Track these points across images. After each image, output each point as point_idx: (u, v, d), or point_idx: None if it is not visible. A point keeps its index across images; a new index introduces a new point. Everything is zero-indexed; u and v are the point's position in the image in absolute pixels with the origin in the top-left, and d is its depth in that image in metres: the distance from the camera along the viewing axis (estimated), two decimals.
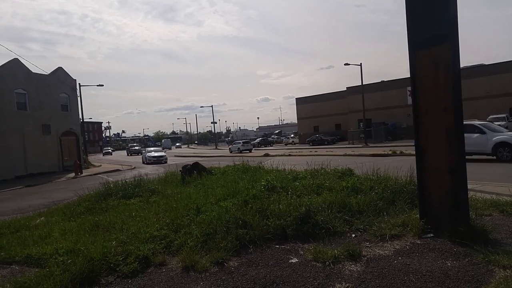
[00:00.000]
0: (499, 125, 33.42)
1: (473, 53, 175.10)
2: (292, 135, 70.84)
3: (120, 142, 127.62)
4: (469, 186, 5.38)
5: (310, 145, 50.71)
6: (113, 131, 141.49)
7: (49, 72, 30.88)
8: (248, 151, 43.56)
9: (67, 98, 32.28)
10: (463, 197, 4.85)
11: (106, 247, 4.83)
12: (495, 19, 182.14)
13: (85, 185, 11.71)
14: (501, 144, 14.68)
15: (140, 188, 9.54)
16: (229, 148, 49.74)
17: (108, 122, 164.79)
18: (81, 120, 37.22)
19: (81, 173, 26.33)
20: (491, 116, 35.73)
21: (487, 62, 46.42)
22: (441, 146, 4.89)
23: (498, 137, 14.95)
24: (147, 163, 31.90)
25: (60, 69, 32.18)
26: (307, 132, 59.53)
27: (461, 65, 4.98)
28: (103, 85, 43.25)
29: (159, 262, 4.69)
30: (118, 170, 27.07)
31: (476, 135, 15.29)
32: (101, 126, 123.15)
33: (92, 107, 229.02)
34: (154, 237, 5.35)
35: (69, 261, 4.48)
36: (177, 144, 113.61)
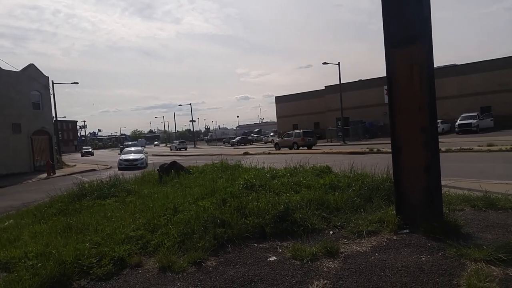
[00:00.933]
0: (470, 123, 34.79)
1: (446, 54, 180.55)
2: (272, 134, 71.08)
3: (96, 142, 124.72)
4: (443, 183, 5.53)
5: None
6: (89, 130, 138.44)
7: (20, 69, 29.80)
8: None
9: (39, 96, 31.25)
10: (438, 193, 4.97)
11: (79, 249, 4.68)
12: (466, 20, 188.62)
13: (58, 185, 11.34)
14: None
15: (116, 188, 9.33)
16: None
17: (84, 121, 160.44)
18: (54, 119, 36.10)
19: (54, 173, 25.52)
20: (463, 115, 37.01)
21: (459, 62, 47.86)
22: (417, 143, 4.98)
23: None
24: (119, 168, 24.50)
25: (31, 66, 31.10)
26: (287, 131, 59.88)
27: (435, 65, 5.09)
28: (77, 83, 42.40)
29: (135, 263, 4.58)
30: (93, 170, 26.38)
31: None
32: (76, 125, 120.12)
33: (67, 106, 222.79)
34: (130, 238, 5.23)
35: (39, 265, 4.31)
36: (155, 142, 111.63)
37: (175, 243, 4.94)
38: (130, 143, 44.37)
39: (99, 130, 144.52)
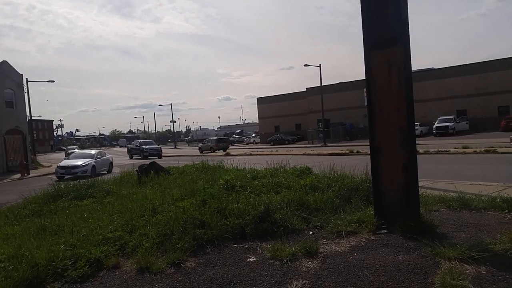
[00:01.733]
0: (447, 126, 35.76)
1: (425, 58, 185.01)
2: (253, 135, 71.18)
3: (73, 142, 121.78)
4: (420, 184, 5.63)
5: (271, 145, 51.23)
6: (66, 129, 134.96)
7: None
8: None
9: (12, 94, 30.31)
10: (415, 194, 5.06)
11: (53, 251, 4.55)
12: (445, 25, 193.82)
13: (32, 186, 11.04)
14: None
15: (93, 189, 9.15)
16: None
17: (60, 121, 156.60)
18: (29, 118, 35.07)
19: (28, 173, 24.80)
20: (440, 117, 37.98)
21: (436, 66, 49.14)
22: (395, 144, 5.06)
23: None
24: (57, 178, 19.47)
25: (4, 63, 30.15)
26: (268, 132, 60.06)
27: (413, 69, 5.20)
28: (53, 81, 41.32)
29: (112, 264, 4.49)
30: None
31: None
32: (52, 125, 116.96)
33: (43, 105, 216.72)
34: (107, 239, 5.13)
35: (10, 267, 4.18)
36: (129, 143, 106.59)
37: (153, 244, 4.86)
38: (140, 141, 42.28)
39: (77, 130, 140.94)
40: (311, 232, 5.27)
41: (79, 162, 20.94)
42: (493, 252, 3.95)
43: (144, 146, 37.73)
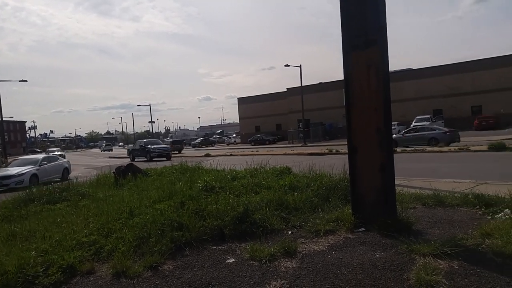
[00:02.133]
0: (423, 125, 36.67)
1: (403, 58, 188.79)
2: (234, 135, 71.09)
3: (47, 143, 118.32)
4: (397, 182, 5.75)
5: (252, 145, 51.29)
6: (40, 131, 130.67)
7: None
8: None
9: None
10: (392, 192, 5.14)
11: (23, 258, 4.38)
12: (423, 27, 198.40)
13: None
14: None
15: (68, 192, 8.89)
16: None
17: (34, 122, 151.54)
18: (0, 119, 33.91)
19: None
20: (417, 117, 38.88)
21: (415, 67, 50.33)
22: (372, 144, 5.11)
23: None
24: None
25: None
26: (249, 132, 60.11)
27: (392, 69, 5.30)
28: (26, 81, 39.86)
29: (87, 270, 4.36)
30: None
31: None
32: (25, 126, 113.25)
33: (15, 105, 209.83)
34: (81, 244, 4.98)
35: None
36: (105, 144, 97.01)
37: (130, 247, 4.75)
38: (144, 140, 36.97)
39: (51, 131, 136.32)
40: (290, 232, 5.28)
41: (15, 171, 17.80)
42: (465, 247, 4.06)
43: (150, 146, 33.04)
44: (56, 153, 39.44)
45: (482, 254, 3.91)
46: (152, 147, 33.00)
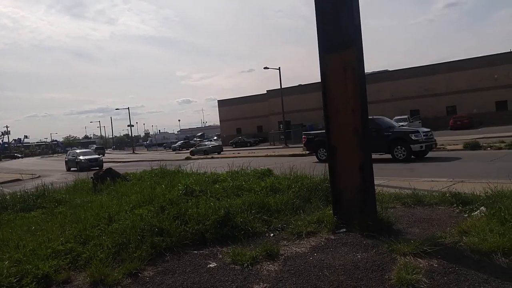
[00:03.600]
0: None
1: (379, 60, 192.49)
2: (215, 138, 70.77)
3: (22, 149, 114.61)
4: (376, 182, 5.80)
5: (233, 147, 51.17)
6: (13, 136, 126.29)
7: None
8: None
9: None
10: (371, 192, 5.20)
11: None
12: (397, 29, 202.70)
13: None
14: None
15: (43, 199, 8.62)
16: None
17: (6, 127, 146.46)
18: None
19: None
20: (395, 117, 39.64)
21: (391, 68, 51.38)
22: (350, 144, 5.17)
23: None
24: None
25: None
26: (230, 134, 59.98)
27: (369, 70, 5.38)
28: None
29: (63, 279, 4.22)
30: (17, 180, 24.11)
31: None
32: None
33: None
34: (57, 252, 4.81)
35: None
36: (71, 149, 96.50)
37: (109, 254, 4.63)
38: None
39: (26, 137, 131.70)
40: (272, 235, 5.26)
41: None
42: (444, 245, 4.13)
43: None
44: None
45: (460, 252, 3.98)
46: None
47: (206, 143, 46.99)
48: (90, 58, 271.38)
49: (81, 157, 31.09)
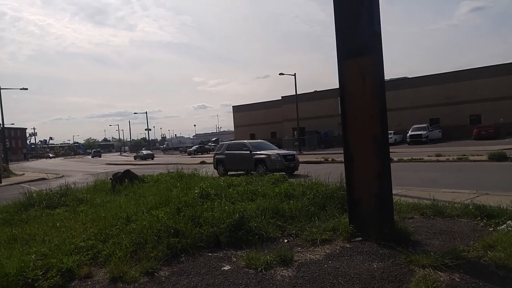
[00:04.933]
0: (420, 134, 36.53)
1: (398, 67, 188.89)
2: None
3: (47, 150, 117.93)
4: (394, 191, 5.68)
5: None
6: (40, 138, 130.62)
7: None
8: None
9: None
10: (389, 201, 5.11)
11: (23, 261, 4.39)
12: (417, 35, 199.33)
13: (3, 195, 10.66)
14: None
15: (66, 197, 8.92)
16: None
17: (34, 129, 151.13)
18: (1, 126, 33.89)
19: (0, 182, 23.90)
20: (414, 126, 38.91)
21: (410, 75, 50.41)
22: (369, 152, 5.10)
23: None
24: None
25: None
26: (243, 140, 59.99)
27: (388, 77, 5.33)
28: (27, 89, 40.93)
29: (85, 274, 4.37)
30: (43, 179, 25.16)
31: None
32: (25, 133, 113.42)
33: (16, 112, 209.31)
34: (79, 248, 5.00)
35: None
36: (94, 150, 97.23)
37: (127, 253, 4.76)
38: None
39: (51, 138, 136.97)
40: (286, 240, 5.27)
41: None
42: (467, 259, 4.00)
43: None
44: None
45: (484, 267, 3.83)
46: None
47: None
48: (110, 64, 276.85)
49: None
